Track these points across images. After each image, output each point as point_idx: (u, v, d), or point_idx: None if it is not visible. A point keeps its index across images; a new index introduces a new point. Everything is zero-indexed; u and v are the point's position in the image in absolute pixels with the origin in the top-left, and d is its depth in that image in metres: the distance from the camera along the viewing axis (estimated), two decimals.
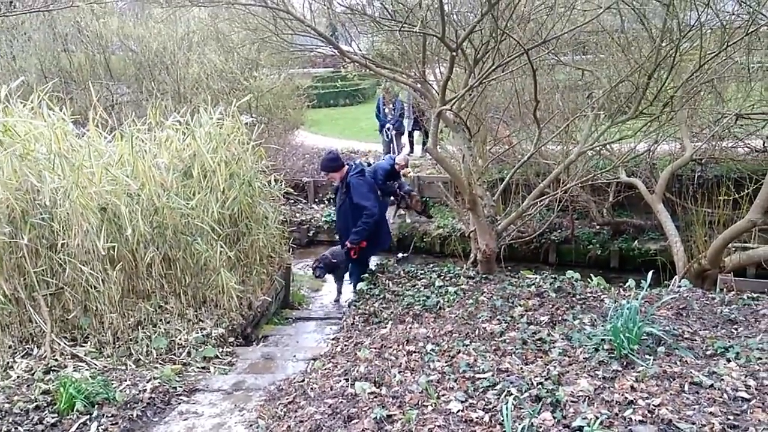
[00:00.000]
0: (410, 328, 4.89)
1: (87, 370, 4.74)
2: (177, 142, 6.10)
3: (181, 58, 10.32)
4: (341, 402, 3.63)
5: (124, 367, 4.94)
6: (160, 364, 5.07)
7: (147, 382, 4.54)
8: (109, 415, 4.07)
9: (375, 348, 4.56)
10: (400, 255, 9.84)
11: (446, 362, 3.91)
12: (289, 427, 3.57)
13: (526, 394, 3.22)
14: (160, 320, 5.51)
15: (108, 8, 10.92)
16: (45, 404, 4.16)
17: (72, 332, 5.29)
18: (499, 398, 3.25)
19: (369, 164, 9.63)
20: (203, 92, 9.61)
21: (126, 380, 4.58)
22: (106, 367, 4.88)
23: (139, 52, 10.60)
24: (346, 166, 6.66)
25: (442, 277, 6.14)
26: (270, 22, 5.87)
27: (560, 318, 4.51)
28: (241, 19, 6.81)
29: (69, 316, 5.25)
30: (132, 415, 4.13)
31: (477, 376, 3.58)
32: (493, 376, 3.54)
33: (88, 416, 4.03)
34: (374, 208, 6.56)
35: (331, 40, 5.87)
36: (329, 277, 7.83)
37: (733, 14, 5.66)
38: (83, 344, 5.19)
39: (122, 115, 7.68)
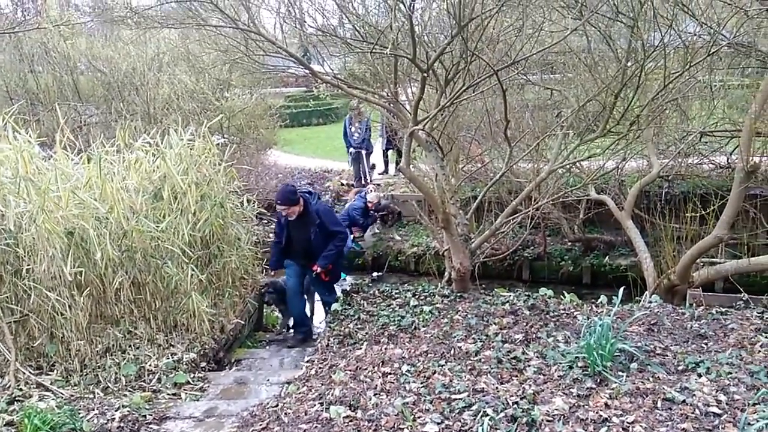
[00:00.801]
0: (385, 349, 4.86)
1: (53, 399, 4.59)
2: (147, 163, 6.02)
3: (151, 78, 10.22)
4: (316, 427, 3.57)
5: (91, 396, 4.80)
6: (130, 391, 4.93)
7: (116, 411, 4.42)
8: None
9: (350, 370, 4.52)
10: (374, 274, 9.80)
11: (422, 383, 3.89)
12: None
13: (502, 414, 3.21)
14: (130, 346, 5.38)
15: (76, 29, 10.79)
16: None
17: (37, 360, 5.14)
18: (475, 419, 3.24)
19: (342, 184, 9.65)
20: (174, 113, 9.51)
21: (94, 409, 4.45)
22: (73, 396, 4.74)
23: (108, 73, 10.46)
24: (302, 199, 6.44)
25: (416, 297, 6.13)
26: (241, 43, 5.85)
27: (534, 336, 4.53)
28: (212, 40, 6.77)
29: (34, 344, 5.11)
30: None
31: (453, 396, 3.57)
32: (468, 396, 3.53)
33: None
34: (346, 230, 6.74)
35: (303, 60, 5.88)
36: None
37: (695, 35, 5.82)
38: (49, 373, 5.04)
39: (90, 137, 7.57)
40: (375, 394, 3.86)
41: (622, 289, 4.38)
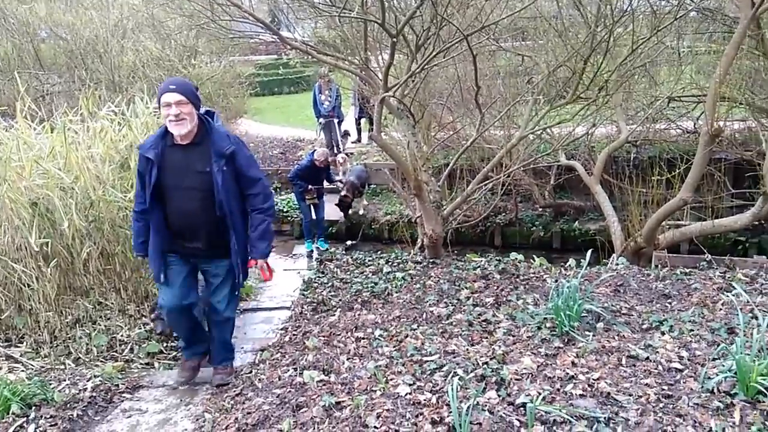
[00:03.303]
0: (359, 314, 4.90)
1: (23, 371, 4.55)
2: (112, 132, 5.89)
3: (115, 45, 9.95)
4: (290, 391, 3.60)
5: (62, 367, 4.76)
6: (102, 362, 4.91)
7: (87, 381, 4.39)
8: (48, 416, 3.91)
9: (323, 336, 4.55)
10: (348, 243, 9.84)
11: (394, 347, 3.93)
12: (236, 419, 3.52)
13: (472, 374, 3.27)
14: (100, 317, 5.33)
15: None
16: None
17: (6, 333, 5.07)
18: (446, 379, 3.29)
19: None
20: (139, 81, 9.30)
21: (65, 380, 4.41)
22: (43, 367, 4.70)
23: (70, 40, 10.16)
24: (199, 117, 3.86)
25: (390, 263, 6.17)
26: (207, 7, 5.72)
27: (505, 299, 4.60)
28: (176, 4, 6.60)
29: (2, 317, 5.03)
30: (72, 415, 3.98)
31: (424, 359, 3.62)
32: (440, 358, 3.59)
33: (24, 418, 3.86)
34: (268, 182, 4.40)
35: (271, 26, 5.76)
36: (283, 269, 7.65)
37: (663, 0, 5.85)
38: (18, 345, 4.97)
39: (53, 106, 7.38)
40: (348, 359, 3.90)
41: (590, 252, 4.45)
